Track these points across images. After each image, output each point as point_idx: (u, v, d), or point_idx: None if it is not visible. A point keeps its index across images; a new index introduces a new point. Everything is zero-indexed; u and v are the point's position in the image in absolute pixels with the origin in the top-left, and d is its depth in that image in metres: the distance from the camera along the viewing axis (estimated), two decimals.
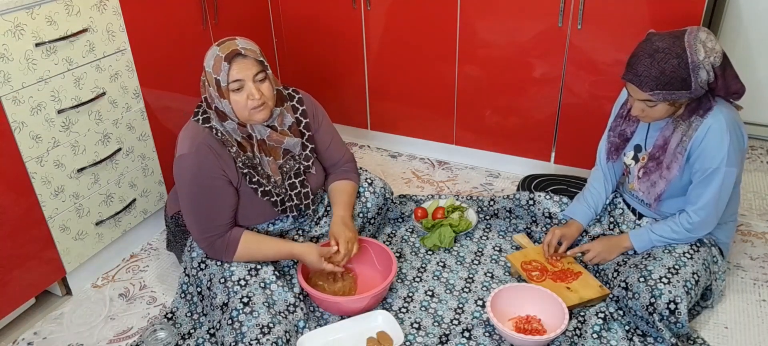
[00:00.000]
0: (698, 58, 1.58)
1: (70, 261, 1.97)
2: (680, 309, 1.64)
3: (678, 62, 1.59)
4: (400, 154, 2.87)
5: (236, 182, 1.75)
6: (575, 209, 1.99)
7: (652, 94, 1.62)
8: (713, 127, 1.65)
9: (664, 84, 1.60)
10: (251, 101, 1.65)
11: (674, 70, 1.59)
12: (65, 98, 1.84)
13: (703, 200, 1.71)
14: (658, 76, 1.60)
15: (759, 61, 2.66)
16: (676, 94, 1.62)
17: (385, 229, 2.25)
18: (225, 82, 1.63)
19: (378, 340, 1.73)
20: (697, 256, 1.74)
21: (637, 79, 1.63)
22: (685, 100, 1.65)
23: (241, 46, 1.64)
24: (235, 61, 1.63)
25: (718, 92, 1.65)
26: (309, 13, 2.71)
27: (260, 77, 1.66)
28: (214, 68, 1.64)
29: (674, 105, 1.66)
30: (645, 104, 1.67)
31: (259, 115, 1.69)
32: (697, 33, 1.61)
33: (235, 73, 1.63)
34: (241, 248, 1.75)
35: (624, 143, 1.89)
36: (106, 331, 1.89)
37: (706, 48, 1.59)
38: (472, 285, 1.97)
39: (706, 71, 1.60)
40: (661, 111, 1.68)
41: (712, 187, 1.69)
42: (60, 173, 1.87)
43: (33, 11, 1.71)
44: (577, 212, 1.98)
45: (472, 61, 2.47)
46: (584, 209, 1.97)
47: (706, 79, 1.61)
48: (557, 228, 1.98)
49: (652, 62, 1.60)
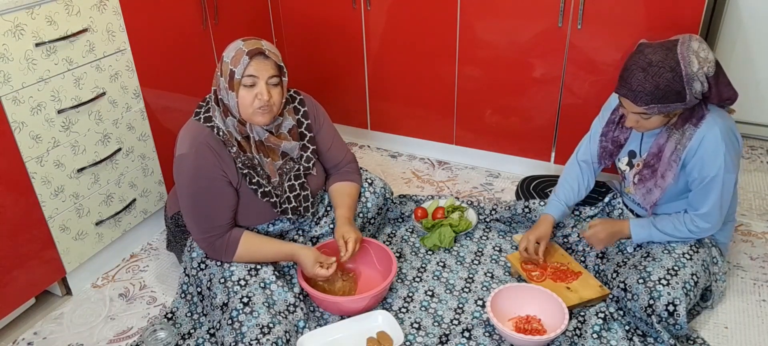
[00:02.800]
0: (692, 69, 1.58)
1: (70, 261, 1.97)
2: (679, 311, 1.64)
3: (672, 76, 1.58)
4: (400, 154, 2.87)
5: (236, 183, 1.75)
6: (549, 205, 1.99)
7: (648, 108, 1.62)
8: (708, 136, 1.65)
9: (659, 98, 1.60)
10: (258, 101, 1.66)
11: (669, 83, 1.58)
12: (65, 98, 1.84)
13: (707, 206, 1.71)
14: (653, 91, 1.59)
15: (759, 62, 2.66)
16: (671, 106, 1.62)
17: (385, 229, 2.25)
18: (239, 75, 1.64)
19: (378, 340, 1.73)
20: (697, 257, 1.74)
21: (631, 95, 1.63)
22: (679, 110, 1.66)
23: (265, 47, 1.68)
24: (256, 58, 1.65)
25: (711, 100, 1.66)
26: (309, 13, 2.71)
27: (274, 81, 1.68)
28: (234, 60, 1.65)
29: (668, 116, 1.67)
30: (640, 116, 1.67)
31: (261, 118, 1.69)
32: (690, 43, 1.61)
33: (252, 69, 1.65)
34: (241, 248, 1.75)
35: (617, 150, 1.89)
36: (106, 331, 1.89)
37: (699, 58, 1.59)
38: (472, 285, 1.97)
39: (700, 82, 1.60)
40: (655, 122, 1.68)
41: (713, 194, 1.69)
42: (60, 173, 1.87)
43: (33, 11, 1.71)
44: (550, 205, 1.98)
45: (472, 61, 2.47)
46: (556, 203, 1.98)
47: (701, 90, 1.61)
48: (530, 232, 1.94)
49: (646, 76, 1.60)
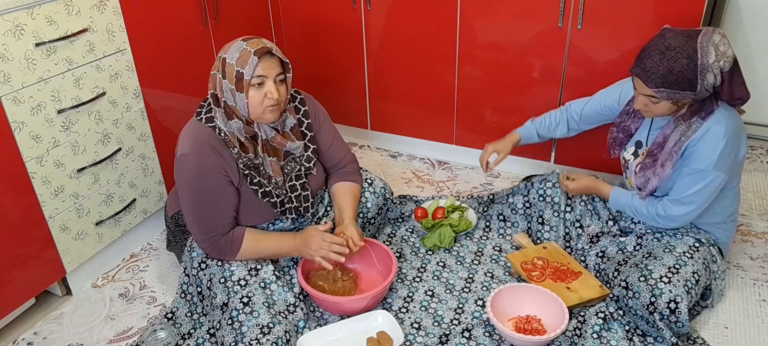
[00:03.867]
0: (708, 60, 1.58)
1: (70, 261, 1.97)
2: (681, 308, 1.64)
3: (687, 63, 1.59)
4: (400, 154, 2.87)
5: (237, 182, 1.75)
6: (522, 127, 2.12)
7: (657, 91, 1.63)
8: (712, 130, 1.66)
9: (670, 83, 1.61)
10: (268, 100, 1.66)
11: (682, 70, 1.59)
12: (65, 98, 1.84)
13: (684, 195, 1.73)
14: (666, 75, 1.60)
15: (759, 61, 2.66)
16: (680, 94, 1.62)
17: (385, 229, 2.25)
18: (249, 76, 1.64)
19: (378, 340, 1.73)
20: (698, 255, 1.74)
21: (643, 74, 1.64)
22: (688, 100, 1.66)
23: (270, 45, 1.67)
24: (264, 57, 1.65)
25: (722, 96, 1.66)
26: (309, 13, 2.71)
27: (281, 79, 1.69)
28: (239, 61, 1.64)
29: (677, 104, 1.67)
30: (648, 99, 1.68)
31: (271, 116, 1.70)
32: (712, 35, 1.61)
33: (261, 69, 1.64)
34: (246, 244, 1.75)
35: (627, 139, 1.91)
36: (106, 331, 1.89)
37: (718, 51, 1.59)
38: (472, 285, 1.97)
39: (714, 75, 1.60)
40: (663, 108, 1.69)
41: (695, 186, 1.71)
42: (60, 173, 1.87)
43: (33, 11, 1.71)
44: (522, 129, 2.12)
45: (472, 60, 2.47)
46: (529, 126, 2.10)
47: (713, 83, 1.61)
48: (490, 144, 2.09)
49: (662, 59, 1.61)
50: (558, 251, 2.00)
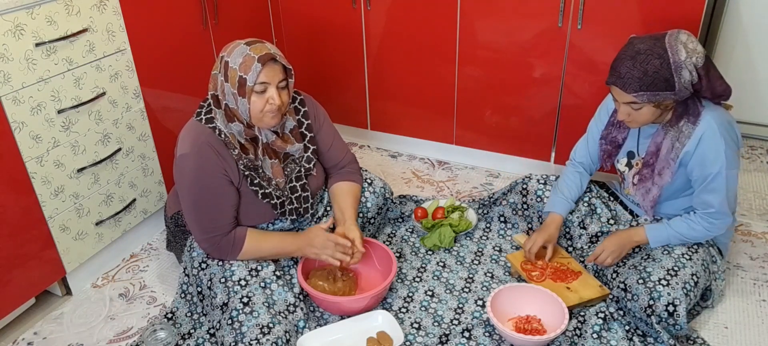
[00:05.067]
0: (680, 58, 1.59)
1: (70, 261, 1.97)
2: (679, 311, 1.64)
3: (660, 62, 1.59)
4: (400, 154, 2.87)
5: (237, 183, 1.75)
6: (554, 202, 1.98)
7: (637, 95, 1.62)
8: (706, 134, 1.66)
9: (647, 85, 1.61)
10: (269, 105, 1.66)
11: (657, 70, 1.59)
12: (65, 98, 1.84)
13: (716, 205, 1.71)
14: (641, 77, 1.60)
15: (759, 61, 2.66)
16: (660, 95, 1.62)
17: (385, 229, 2.25)
18: (252, 82, 1.63)
19: (378, 340, 1.73)
20: (696, 257, 1.74)
21: (620, 82, 1.64)
22: (670, 101, 1.66)
23: (273, 51, 1.67)
24: (268, 64, 1.64)
25: (703, 94, 1.66)
26: (309, 13, 2.71)
27: (283, 85, 1.69)
28: (243, 67, 1.64)
29: (660, 107, 1.66)
30: (630, 107, 1.67)
31: (272, 120, 1.70)
32: (678, 35, 1.63)
33: (264, 76, 1.64)
34: (248, 244, 1.75)
35: (616, 150, 1.90)
36: (106, 331, 1.89)
37: (687, 49, 1.60)
38: (472, 285, 1.97)
39: (689, 71, 1.60)
40: (646, 115, 1.68)
41: (719, 192, 1.69)
42: (60, 173, 1.87)
43: (33, 11, 1.71)
44: (556, 203, 1.97)
45: (472, 60, 2.47)
46: (561, 200, 1.96)
47: (690, 80, 1.61)
48: (537, 234, 1.93)
49: (634, 63, 1.61)
50: (558, 251, 2.00)
